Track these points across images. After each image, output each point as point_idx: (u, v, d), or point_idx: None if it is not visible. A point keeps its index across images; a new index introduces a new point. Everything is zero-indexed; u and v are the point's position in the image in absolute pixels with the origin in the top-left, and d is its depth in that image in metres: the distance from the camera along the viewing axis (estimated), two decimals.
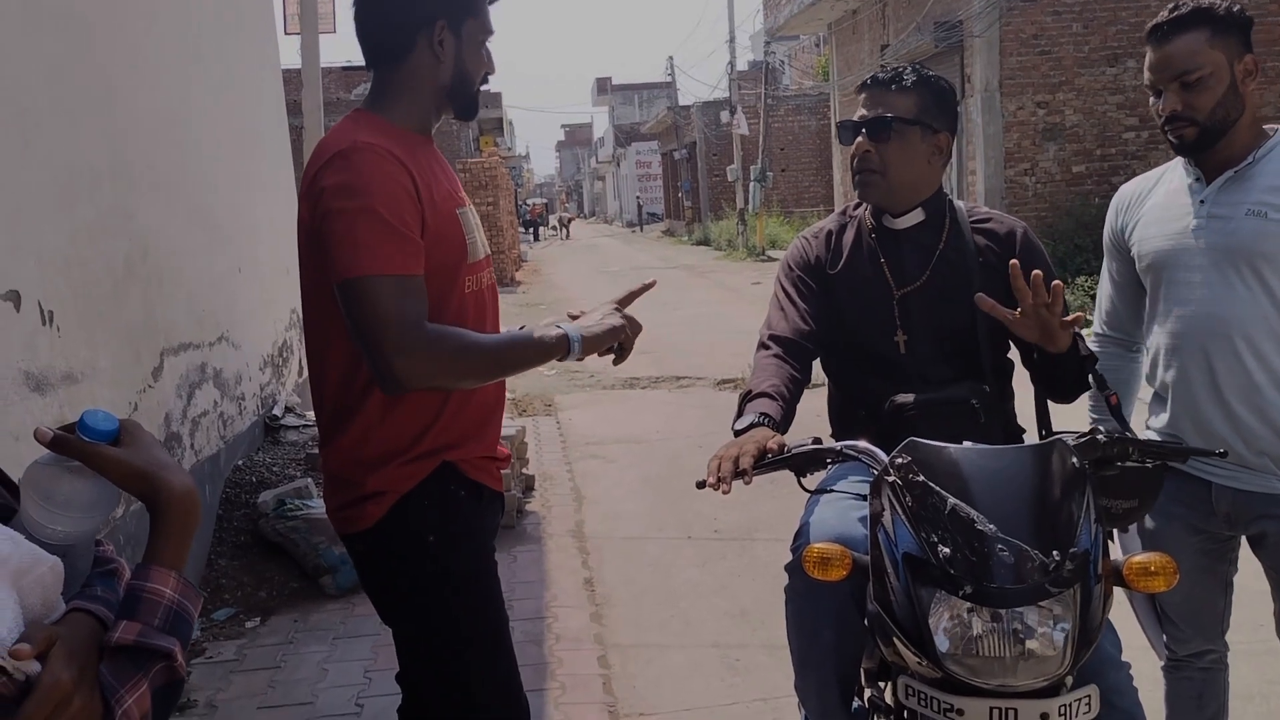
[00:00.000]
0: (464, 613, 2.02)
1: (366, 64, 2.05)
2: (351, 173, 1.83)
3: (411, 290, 1.82)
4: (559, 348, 1.95)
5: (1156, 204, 2.30)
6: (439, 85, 2.01)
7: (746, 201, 25.66)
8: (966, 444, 1.80)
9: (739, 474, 1.85)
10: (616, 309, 2.07)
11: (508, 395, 2.36)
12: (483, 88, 2.10)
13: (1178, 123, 2.14)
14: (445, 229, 1.94)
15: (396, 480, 1.96)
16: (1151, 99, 2.21)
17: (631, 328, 2.05)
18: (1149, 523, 2.33)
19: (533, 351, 1.96)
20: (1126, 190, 2.42)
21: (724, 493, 1.85)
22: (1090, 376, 2.19)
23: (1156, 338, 2.31)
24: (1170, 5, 2.18)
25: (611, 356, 2.07)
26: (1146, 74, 2.19)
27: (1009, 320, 2.04)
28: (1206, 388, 2.20)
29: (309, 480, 4.96)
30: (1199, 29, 2.11)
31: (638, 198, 49.45)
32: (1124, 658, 1.96)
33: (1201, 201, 2.20)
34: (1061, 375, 2.18)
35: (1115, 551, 2.31)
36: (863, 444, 1.90)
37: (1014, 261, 2.02)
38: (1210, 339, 2.18)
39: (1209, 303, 2.17)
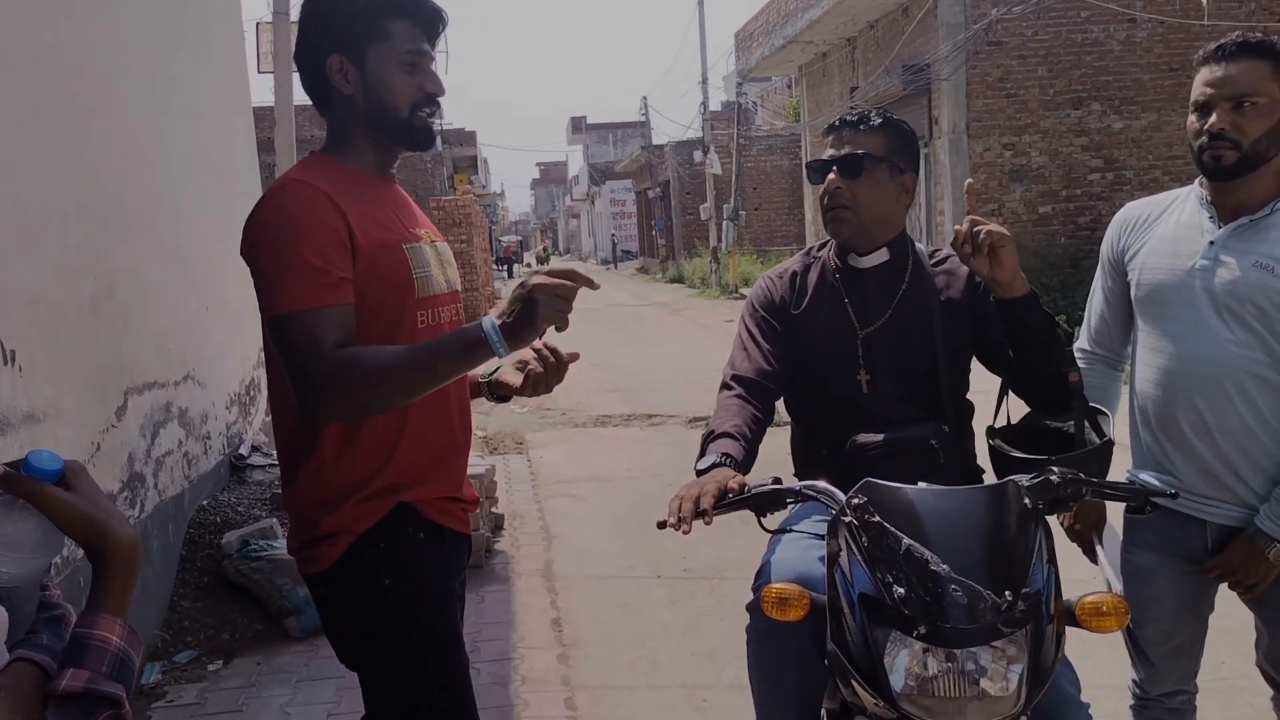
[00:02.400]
0: (422, 656, 1.98)
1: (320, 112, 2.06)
2: (274, 209, 1.86)
3: (328, 320, 1.80)
4: (479, 342, 1.76)
5: (1164, 234, 2.30)
6: (360, 119, 1.97)
7: (720, 240, 25.84)
8: (921, 484, 1.82)
9: (699, 514, 1.86)
10: (535, 271, 1.83)
11: (479, 433, 2.32)
12: (428, 112, 1.99)
13: (1220, 142, 2.13)
14: (384, 264, 1.91)
15: (351, 521, 1.94)
16: (1192, 118, 2.20)
17: (554, 286, 1.72)
18: (1142, 560, 2.35)
19: (451, 353, 1.80)
20: (1133, 211, 2.41)
21: (684, 533, 1.86)
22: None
23: (1144, 366, 2.33)
24: (1235, 33, 2.19)
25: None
26: (1200, 89, 2.18)
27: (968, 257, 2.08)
28: (1195, 427, 2.22)
29: (274, 520, 4.91)
30: (1264, 60, 2.13)
31: (612, 235, 49.65)
32: (1085, 697, 1.98)
33: (1211, 243, 2.21)
34: (1038, 368, 2.16)
35: (1108, 574, 2.34)
36: (821, 484, 1.92)
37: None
38: (1201, 380, 2.20)
39: (1202, 344, 2.19)
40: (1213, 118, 2.14)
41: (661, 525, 1.89)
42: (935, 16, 13.37)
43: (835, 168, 2.30)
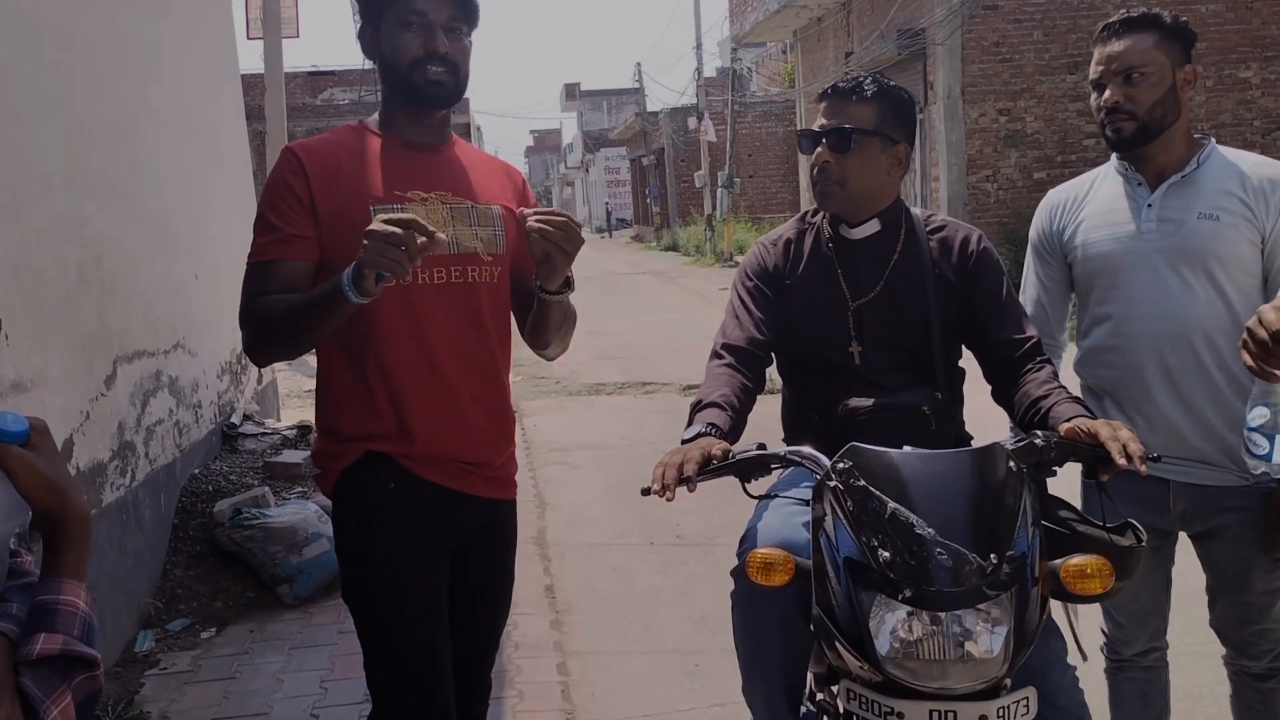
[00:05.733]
0: (376, 600, 2.08)
1: None
2: (268, 178, 2.11)
3: (269, 272, 2.02)
4: (336, 287, 1.85)
5: (1098, 208, 2.36)
6: (383, 83, 2.14)
7: (714, 207, 25.73)
8: (907, 448, 1.81)
9: (683, 481, 1.86)
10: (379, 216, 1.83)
11: None
12: (433, 69, 2.04)
13: (1117, 115, 2.24)
14: (347, 221, 1.99)
15: (331, 457, 2.12)
16: (1093, 96, 2.30)
17: (384, 233, 1.77)
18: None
19: (317, 299, 1.91)
20: (1058, 194, 2.49)
21: (668, 500, 1.85)
22: None
23: (1097, 339, 2.36)
24: (1123, 10, 2.29)
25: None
26: (1094, 69, 2.29)
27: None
28: (1163, 386, 2.25)
29: (266, 489, 4.91)
30: (1148, 31, 2.23)
31: (606, 203, 49.42)
32: (1073, 660, 1.99)
33: (1149, 205, 2.27)
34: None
35: None
36: (806, 449, 1.91)
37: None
38: (1165, 339, 2.23)
39: (1162, 303, 2.23)
40: (1106, 93, 2.25)
41: (645, 492, 1.88)
42: None
43: (824, 141, 2.26)
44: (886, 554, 1.62)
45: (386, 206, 1.99)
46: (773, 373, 2.42)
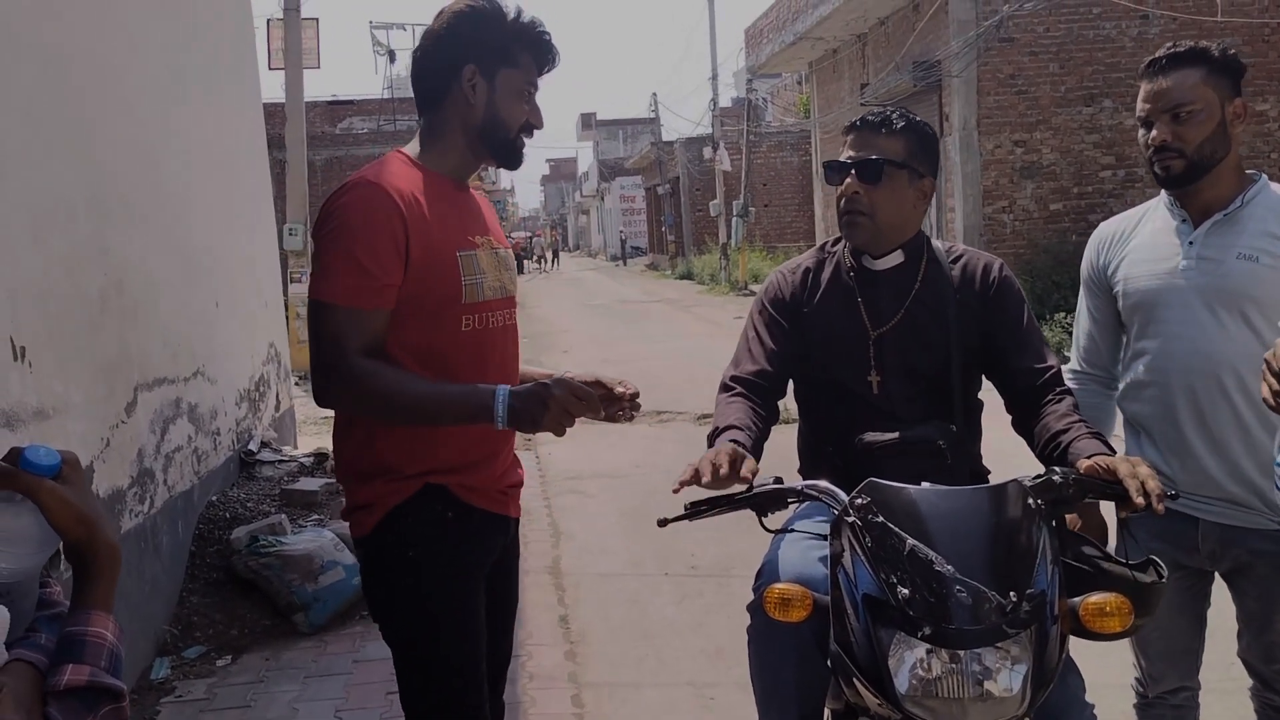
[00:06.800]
0: (437, 627, 2.11)
1: (418, 110, 2.19)
2: (345, 207, 2.03)
3: (357, 321, 1.99)
4: (485, 411, 1.96)
5: (1142, 243, 2.33)
6: (469, 127, 2.13)
7: (729, 236, 25.79)
8: (925, 484, 1.81)
9: (690, 515, 1.88)
10: (564, 379, 2.00)
11: None
12: (524, 139, 2.18)
13: (1166, 154, 2.20)
14: (435, 272, 2.05)
15: (384, 495, 2.10)
16: (1141, 132, 2.27)
17: (568, 400, 1.93)
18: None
19: (458, 409, 2.00)
20: (1107, 228, 2.46)
21: (705, 483, 1.89)
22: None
23: (1136, 374, 2.34)
24: (1169, 43, 2.25)
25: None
26: (1140, 105, 2.25)
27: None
28: (1194, 425, 2.23)
29: (283, 516, 4.92)
30: (1195, 67, 2.18)
31: (621, 232, 49.57)
32: (1091, 698, 1.97)
33: (1190, 243, 2.24)
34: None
35: None
36: (823, 484, 1.91)
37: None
38: (1197, 377, 2.21)
39: (1196, 341, 2.20)
40: (1154, 131, 2.21)
41: (662, 523, 1.91)
42: (946, 13, 13.32)
43: (854, 171, 2.26)
44: (905, 591, 1.62)
45: (468, 254, 2.10)
46: (789, 403, 2.43)
